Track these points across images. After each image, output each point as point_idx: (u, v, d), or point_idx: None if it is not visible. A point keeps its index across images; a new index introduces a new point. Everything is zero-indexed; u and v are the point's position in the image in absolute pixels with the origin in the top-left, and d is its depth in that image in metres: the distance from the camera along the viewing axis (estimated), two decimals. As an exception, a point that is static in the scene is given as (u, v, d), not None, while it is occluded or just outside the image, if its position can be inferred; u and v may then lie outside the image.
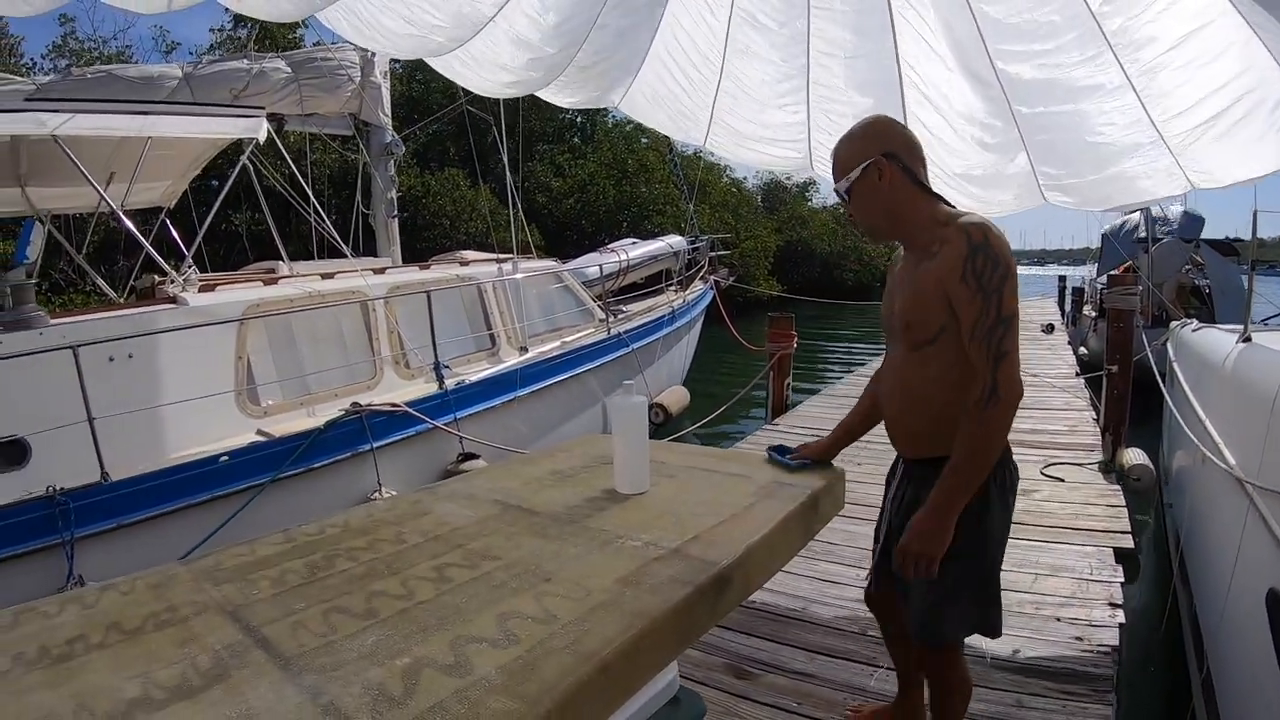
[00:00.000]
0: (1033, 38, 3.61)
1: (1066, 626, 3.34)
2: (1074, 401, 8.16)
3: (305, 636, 1.35)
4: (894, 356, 2.04)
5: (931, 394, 1.92)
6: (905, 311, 1.92)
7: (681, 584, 1.48)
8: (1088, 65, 3.54)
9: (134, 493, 4.44)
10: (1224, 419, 3.78)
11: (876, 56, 3.98)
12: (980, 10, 3.60)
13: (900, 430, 2.06)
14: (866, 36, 3.96)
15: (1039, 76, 3.70)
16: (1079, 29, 3.47)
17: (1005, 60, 3.70)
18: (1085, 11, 3.38)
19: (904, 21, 3.80)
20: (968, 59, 3.80)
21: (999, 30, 3.65)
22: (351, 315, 6.13)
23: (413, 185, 19.81)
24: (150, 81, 6.81)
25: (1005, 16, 3.59)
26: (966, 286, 1.77)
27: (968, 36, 3.70)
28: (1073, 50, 3.53)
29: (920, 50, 3.87)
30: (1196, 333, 5.36)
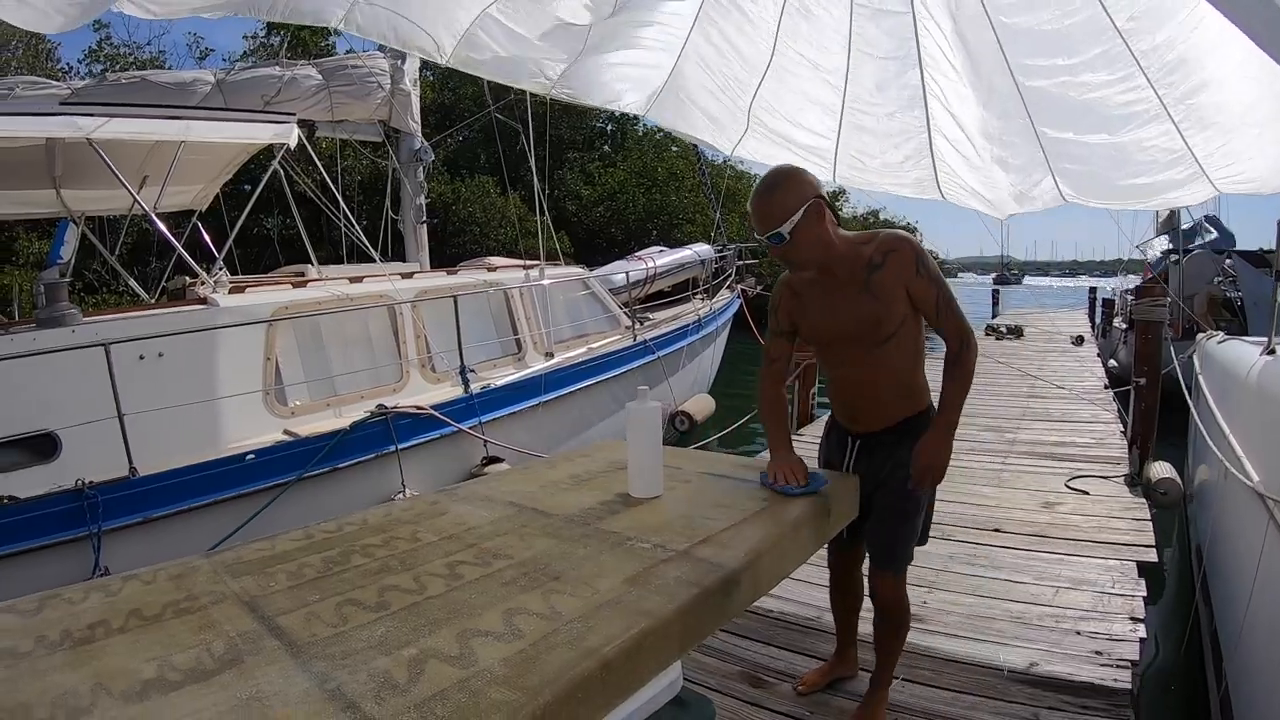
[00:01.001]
0: (1056, 52, 3.60)
1: (1086, 640, 3.30)
2: (1101, 414, 8.06)
3: (318, 626, 1.39)
4: (850, 359, 2.40)
5: (899, 377, 2.40)
6: (867, 318, 2.29)
7: (688, 585, 1.49)
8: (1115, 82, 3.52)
9: (161, 488, 4.53)
10: (1247, 433, 3.73)
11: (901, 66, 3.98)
12: (1000, 23, 3.59)
13: (873, 415, 2.47)
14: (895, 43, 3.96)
15: (1065, 94, 3.69)
16: (1104, 45, 3.45)
17: (1028, 75, 3.69)
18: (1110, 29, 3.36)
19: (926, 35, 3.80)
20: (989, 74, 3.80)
21: (1022, 44, 3.64)
22: (379, 318, 6.21)
23: (443, 192, 19.98)
24: (183, 87, 6.96)
25: (1035, 25, 3.58)
26: (922, 279, 2.26)
27: (989, 52, 3.70)
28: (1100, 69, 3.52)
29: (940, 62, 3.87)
30: (1222, 345, 5.30)
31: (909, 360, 2.39)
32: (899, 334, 2.31)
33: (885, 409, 2.45)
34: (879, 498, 2.47)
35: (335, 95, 7.58)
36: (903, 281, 2.25)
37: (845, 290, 2.30)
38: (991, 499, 5.25)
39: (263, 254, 15.13)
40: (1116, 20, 3.31)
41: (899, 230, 2.35)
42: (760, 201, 2.24)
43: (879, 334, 2.30)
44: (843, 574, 2.85)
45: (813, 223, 2.21)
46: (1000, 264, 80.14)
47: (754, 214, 2.25)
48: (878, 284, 2.25)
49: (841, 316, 2.33)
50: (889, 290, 2.25)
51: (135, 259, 13.85)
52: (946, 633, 3.41)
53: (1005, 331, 16.08)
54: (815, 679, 3.03)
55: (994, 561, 4.18)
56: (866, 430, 2.50)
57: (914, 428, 2.41)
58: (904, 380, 2.41)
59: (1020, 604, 3.66)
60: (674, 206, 24.20)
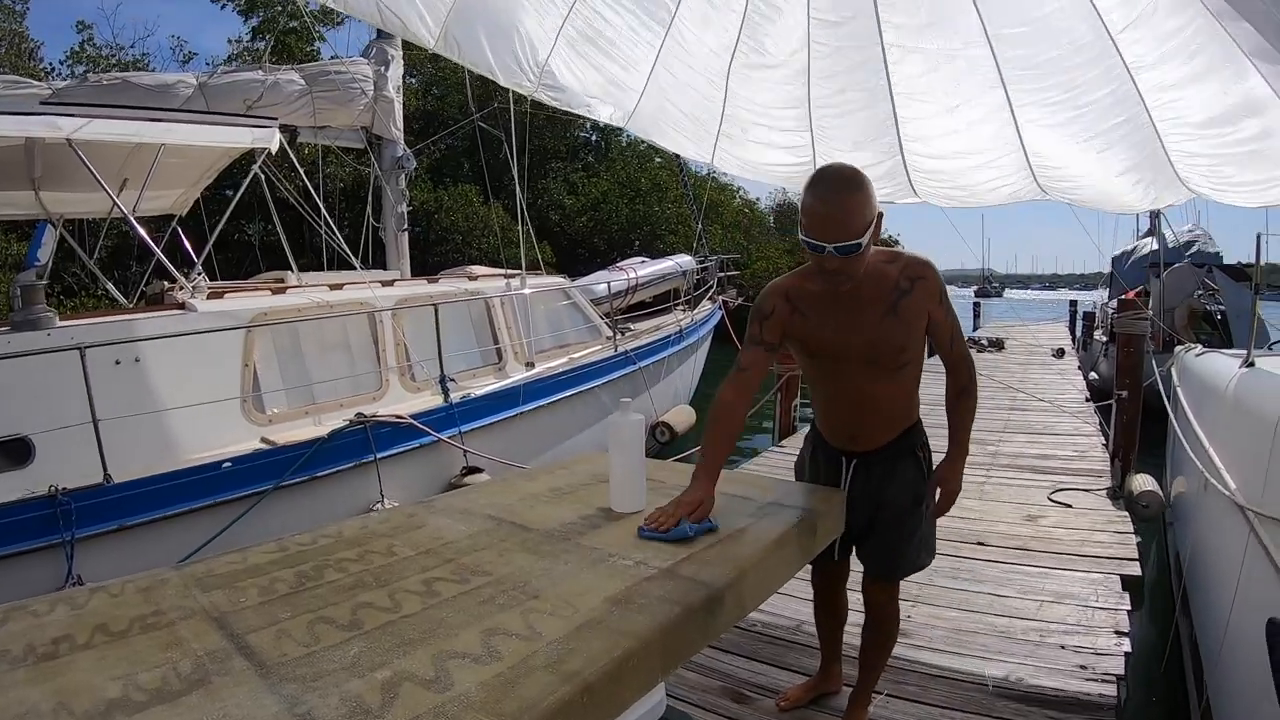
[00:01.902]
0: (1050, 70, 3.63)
1: (1071, 655, 3.28)
2: (1083, 427, 8.08)
3: (288, 645, 1.35)
4: (861, 379, 2.29)
5: (899, 401, 2.39)
6: (891, 342, 2.22)
7: (671, 604, 1.46)
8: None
9: (135, 495, 4.45)
10: (1226, 445, 3.74)
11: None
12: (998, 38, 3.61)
13: (874, 434, 2.41)
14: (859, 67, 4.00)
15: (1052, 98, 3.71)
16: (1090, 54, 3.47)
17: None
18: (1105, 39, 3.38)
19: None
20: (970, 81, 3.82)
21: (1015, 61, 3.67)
22: (358, 326, 6.14)
23: (426, 200, 19.91)
24: (165, 89, 6.89)
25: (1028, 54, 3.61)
26: (942, 308, 2.25)
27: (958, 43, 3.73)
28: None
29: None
30: (1200, 358, 5.33)
31: (911, 387, 2.40)
32: (912, 363, 2.30)
33: (887, 428, 2.41)
34: (883, 515, 2.43)
35: (318, 101, 7.53)
36: (926, 309, 2.22)
37: (869, 310, 2.19)
38: (974, 512, 5.24)
39: (244, 260, 15.02)
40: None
41: (920, 255, 2.28)
42: (839, 203, 2.00)
43: (900, 359, 2.26)
44: (829, 592, 2.79)
45: (875, 235, 2.07)
46: (981, 277, 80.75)
47: (826, 218, 2.00)
48: (905, 309, 2.19)
49: (864, 335, 2.21)
50: (915, 317, 2.21)
51: (115, 262, 13.72)
52: (931, 647, 3.38)
53: (987, 344, 16.14)
54: (798, 695, 2.99)
55: (978, 575, 4.17)
56: (864, 449, 2.43)
57: (909, 443, 2.44)
58: (903, 406, 2.42)
59: (1004, 618, 3.65)
60: (657, 217, 24.19)
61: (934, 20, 3.77)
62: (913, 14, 3.77)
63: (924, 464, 2.46)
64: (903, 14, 3.77)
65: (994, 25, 3.63)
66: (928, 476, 2.45)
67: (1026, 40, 3.63)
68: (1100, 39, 3.40)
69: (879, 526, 2.44)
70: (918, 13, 3.76)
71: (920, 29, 3.80)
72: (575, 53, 3.80)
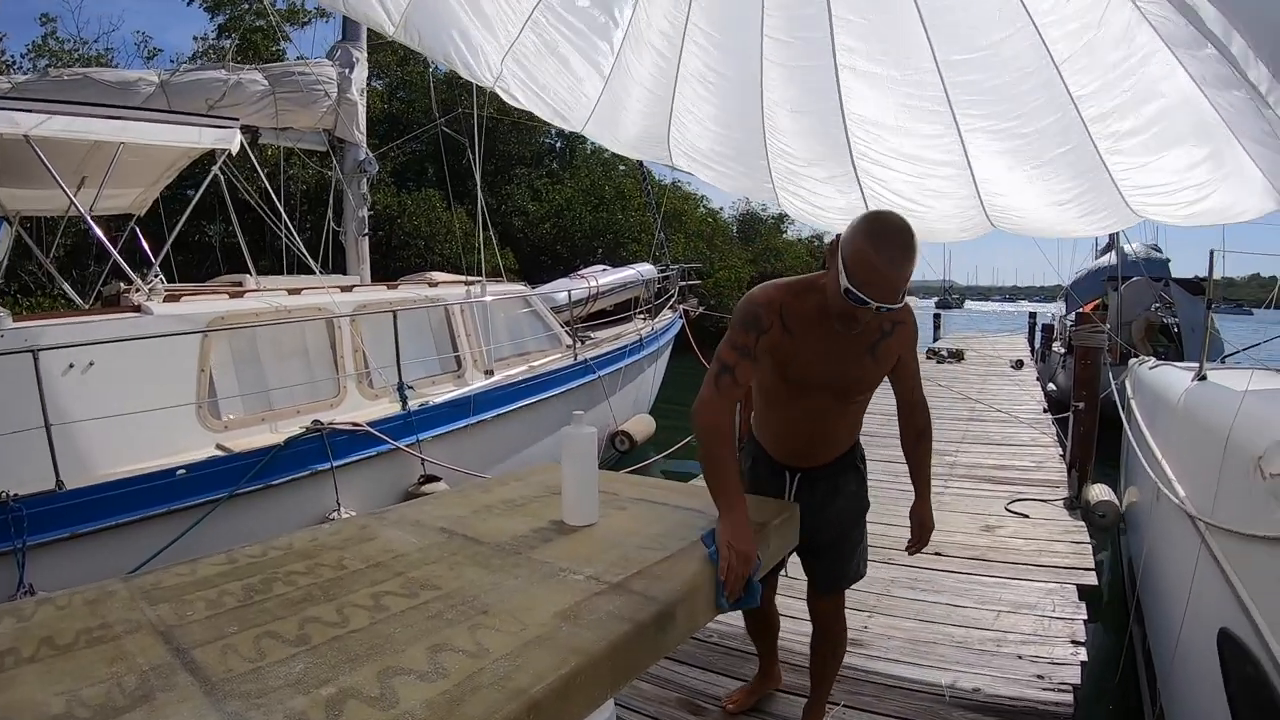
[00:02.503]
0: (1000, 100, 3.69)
1: (1028, 664, 3.32)
2: (1040, 438, 8.20)
3: (234, 661, 1.33)
4: (817, 407, 2.36)
5: (852, 428, 2.53)
6: (863, 378, 2.31)
7: (621, 620, 1.44)
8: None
9: (88, 502, 4.35)
10: (1178, 456, 3.81)
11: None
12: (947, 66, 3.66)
13: (820, 454, 2.50)
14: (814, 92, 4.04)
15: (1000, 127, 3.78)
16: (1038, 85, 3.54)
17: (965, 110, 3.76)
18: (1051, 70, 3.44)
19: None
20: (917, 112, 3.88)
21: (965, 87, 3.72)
22: (316, 332, 6.06)
23: (389, 204, 19.75)
24: (127, 87, 6.77)
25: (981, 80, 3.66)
26: (911, 353, 2.41)
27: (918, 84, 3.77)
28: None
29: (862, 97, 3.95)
30: (1154, 370, 5.43)
31: (860, 418, 2.55)
32: (869, 396, 2.43)
33: (829, 452, 2.50)
34: (825, 530, 2.51)
35: (281, 102, 7.45)
36: (899, 352, 2.34)
37: (852, 347, 2.21)
38: (933, 522, 5.29)
39: (203, 261, 14.78)
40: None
41: (906, 303, 2.20)
42: (904, 271, 1.97)
43: (861, 393, 2.38)
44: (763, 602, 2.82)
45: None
46: (942, 288, 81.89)
47: (888, 280, 1.95)
48: (883, 351, 2.28)
49: (842, 368, 2.25)
50: (889, 359, 2.32)
51: (73, 261, 13.44)
52: (888, 657, 3.41)
53: (946, 355, 16.33)
54: (742, 697, 3.08)
55: (935, 585, 4.20)
56: (809, 466, 2.51)
57: (850, 460, 2.56)
58: (853, 431, 2.55)
59: (962, 628, 3.68)
60: (620, 225, 24.15)
61: (885, 45, 3.81)
62: (864, 38, 3.81)
63: (863, 476, 2.61)
64: (855, 38, 3.81)
65: (943, 51, 3.68)
66: (866, 489, 2.62)
67: (974, 67, 3.69)
68: (1046, 67, 3.46)
69: (824, 541, 2.54)
70: (869, 37, 3.80)
71: (871, 54, 3.85)
72: (537, 55, 3.79)
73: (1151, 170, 3.53)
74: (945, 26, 3.60)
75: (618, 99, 4.16)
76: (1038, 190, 3.90)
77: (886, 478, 6.46)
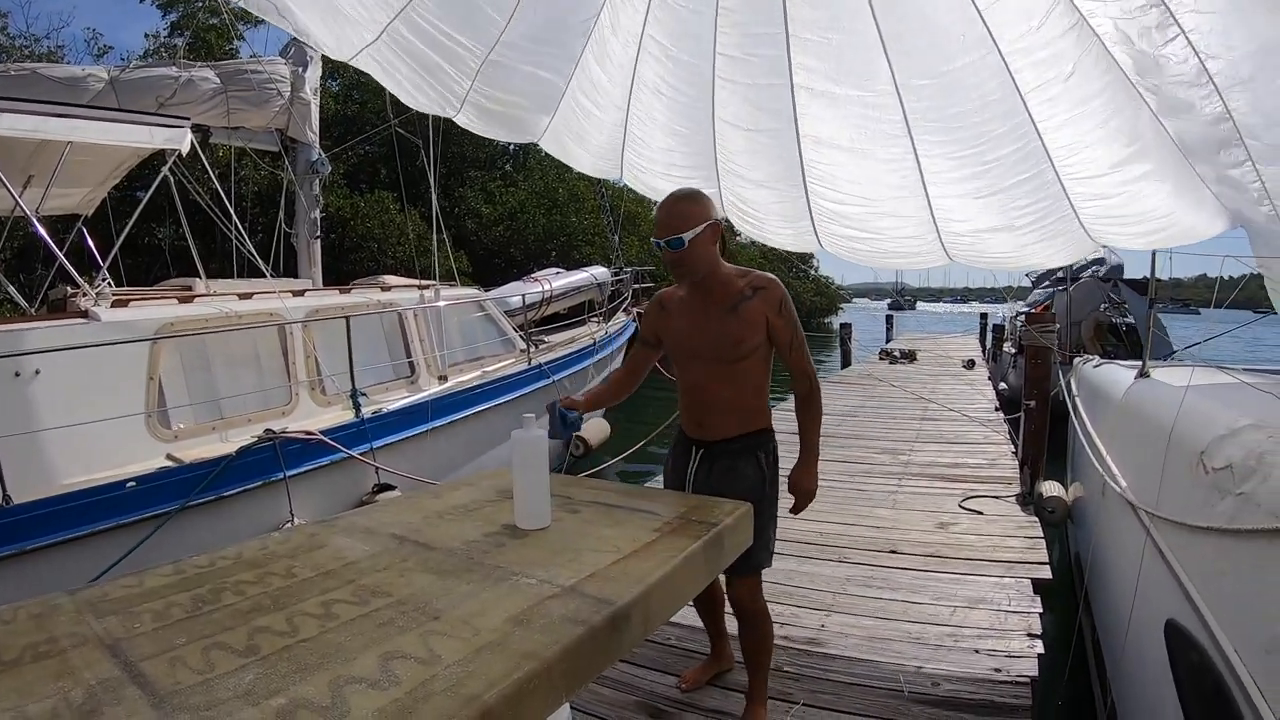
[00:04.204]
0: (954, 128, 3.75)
1: (985, 658, 3.36)
2: (993, 436, 8.34)
3: (182, 673, 1.30)
4: (701, 372, 2.66)
5: (744, 398, 2.66)
6: (729, 336, 2.57)
7: (574, 623, 1.43)
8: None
9: (36, 517, 4.23)
10: (1122, 450, 3.89)
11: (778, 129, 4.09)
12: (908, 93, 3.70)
13: (715, 424, 2.69)
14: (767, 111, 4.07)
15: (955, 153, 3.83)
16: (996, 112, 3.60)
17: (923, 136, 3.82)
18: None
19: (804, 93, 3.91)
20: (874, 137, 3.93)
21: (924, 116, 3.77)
22: (268, 338, 5.96)
23: (341, 206, 19.52)
24: (75, 83, 6.62)
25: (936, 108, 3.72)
26: (782, 318, 2.59)
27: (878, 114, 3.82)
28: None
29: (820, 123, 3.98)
30: (1098, 369, 5.54)
31: (755, 382, 2.66)
32: (751, 358, 2.59)
33: (728, 421, 2.68)
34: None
35: (232, 100, 7.33)
36: (765, 314, 2.56)
37: (715, 311, 2.60)
38: (887, 520, 5.36)
39: (153, 265, 14.50)
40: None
41: (768, 274, 2.65)
42: (669, 207, 2.53)
43: (736, 352, 2.58)
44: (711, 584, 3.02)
45: (708, 239, 2.52)
46: (894, 290, 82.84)
47: (660, 218, 2.54)
48: (745, 310, 2.56)
49: (707, 333, 2.61)
50: (753, 318, 2.56)
51: (22, 264, 13.09)
52: (846, 655, 3.43)
53: (899, 355, 16.54)
54: (696, 676, 3.25)
55: (891, 582, 4.25)
56: (710, 438, 2.72)
57: (753, 444, 2.70)
58: (748, 398, 2.67)
59: (919, 624, 3.73)
60: (574, 228, 24.14)
61: (844, 66, 3.84)
62: (823, 57, 3.84)
63: (765, 466, 2.70)
64: (813, 57, 3.84)
65: (903, 75, 3.71)
66: (767, 480, 2.69)
67: (934, 93, 3.73)
68: (1009, 96, 3.51)
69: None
70: (827, 57, 3.83)
71: (830, 74, 3.87)
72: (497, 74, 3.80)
73: (1113, 199, 3.59)
74: (906, 50, 3.65)
75: (574, 113, 4.17)
76: (995, 218, 3.94)
77: (842, 478, 6.54)
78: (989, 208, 3.93)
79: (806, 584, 4.24)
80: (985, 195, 3.88)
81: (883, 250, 4.37)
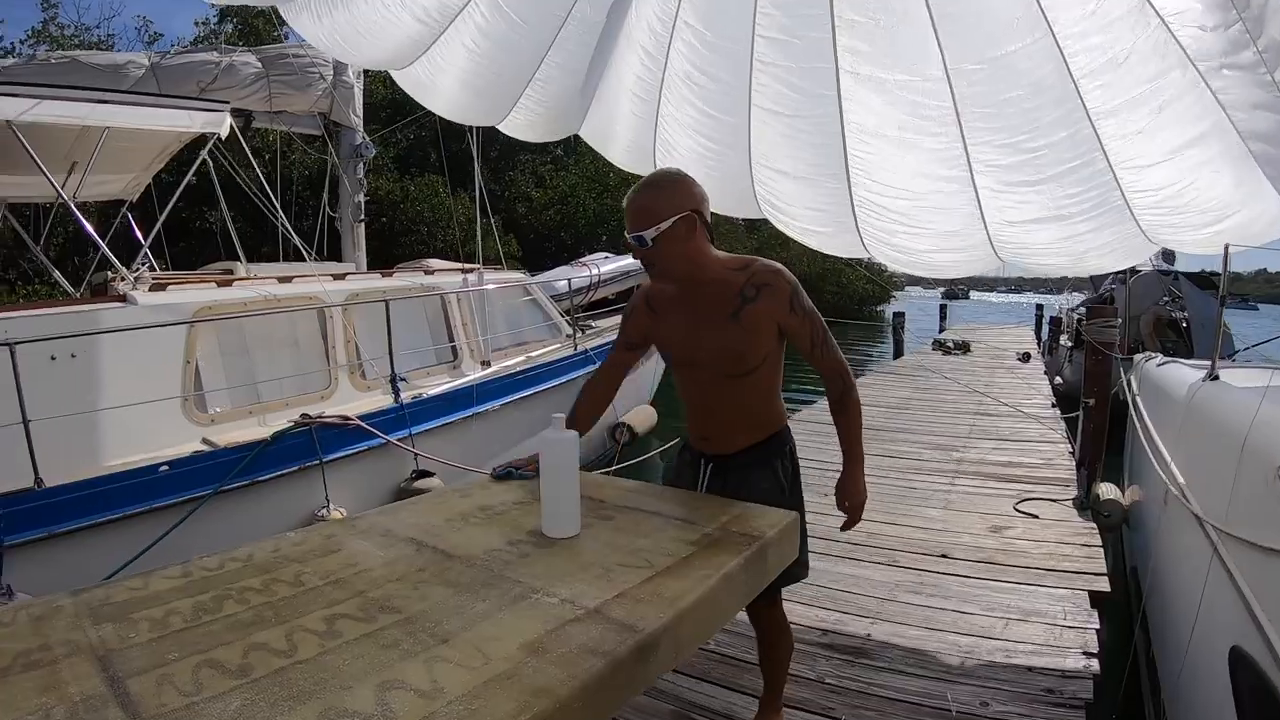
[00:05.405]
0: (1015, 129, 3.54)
1: (1038, 678, 3.15)
2: (1049, 434, 8.02)
3: (168, 694, 1.22)
4: (703, 384, 2.35)
5: (754, 409, 2.36)
6: (731, 349, 2.23)
7: (595, 654, 1.28)
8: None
9: (68, 500, 4.21)
10: (1188, 458, 3.66)
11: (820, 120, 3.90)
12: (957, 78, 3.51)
13: (725, 438, 2.39)
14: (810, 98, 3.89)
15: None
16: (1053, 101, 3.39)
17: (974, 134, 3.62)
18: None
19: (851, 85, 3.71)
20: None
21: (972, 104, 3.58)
22: (307, 321, 5.92)
23: (391, 190, 19.58)
24: (116, 70, 6.65)
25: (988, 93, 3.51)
26: (796, 315, 2.22)
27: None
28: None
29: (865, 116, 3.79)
30: (1161, 367, 5.26)
31: (765, 393, 2.36)
32: (760, 369, 2.28)
33: (738, 435, 2.39)
34: None
35: (274, 85, 7.31)
36: (775, 318, 2.22)
37: (712, 315, 2.24)
38: (938, 521, 5.14)
39: (205, 248, 14.67)
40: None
41: (774, 262, 2.29)
42: (633, 198, 2.19)
43: (740, 367, 2.26)
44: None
45: (681, 235, 2.15)
46: (949, 278, 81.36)
47: (627, 212, 2.20)
48: (748, 315, 2.21)
49: (705, 342, 2.27)
50: (759, 324, 2.21)
51: (75, 249, 13.32)
52: (891, 668, 3.25)
53: (952, 346, 16.11)
54: None
55: (942, 590, 4.05)
56: (719, 452, 2.43)
57: (767, 452, 2.39)
58: (758, 411, 2.38)
59: (969, 637, 3.52)
60: (624, 212, 24.05)
61: (893, 49, 3.65)
62: (871, 40, 3.64)
63: (784, 475, 2.40)
64: (861, 39, 3.64)
65: (954, 59, 3.51)
66: (788, 489, 2.40)
67: (985, 78, 3.52)
68: (1063, 82, 3.30)
69: None
70: (876, 39, 3.63)
71: (877, 58, 3.68)
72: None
73: (1168, 189, 3.37)
74: (958, 33, 3.44)
75: (609, 105, 4.07)
76: (1044, 209, 3.73)
77: (891, 474, 6.31)
78: (1038, 199, 3.72)
79: (854, 588, 4.06)
80: (1035, 184, 3.68)
81: (927, 250, 4.17)
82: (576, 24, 3.79)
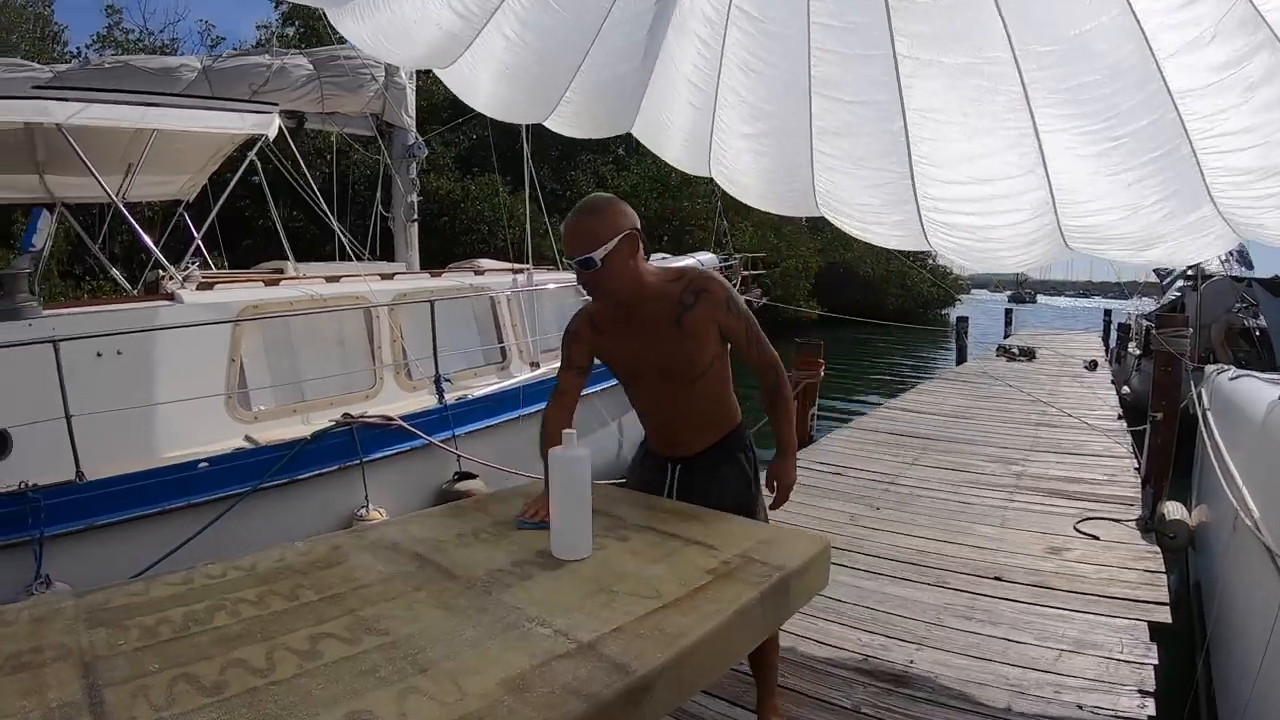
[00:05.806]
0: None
1: (1089, 716, 2.95)
2: (1114, 448, 7.65)
3: (140, 707, 1.21)
4: (657, 393, 2.47)
5: (711, 409, 2.50)
6: (679, 356, 2.35)
7: (578, 697, 1.18)
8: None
9: (108, 494, 4.28)
10: (1263, 482, 3.40)
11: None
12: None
13: (687, 442, 2.51)
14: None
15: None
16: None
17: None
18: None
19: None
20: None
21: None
22: (354, 321, 5.93)
23: (452, 189, 19.74)
24: (168, 73, 6.75)
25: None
26: (732, 315, 2.36)
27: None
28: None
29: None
30: (1235, 381, 4.94)
31: (719, 393, 2.49)
32: (710, 372, 2.40)
33: (702, 436, 2.51)
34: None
35: (326, 86, 7.37)
36: (714, 319, 2.34)
37: (657, 327, 2.34)
38: (993, 540, 4.91)
39: (267, 246, 14.97)
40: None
41: (701, 270, 2.50)
42: (574, 224, 2.26)
43: (691, 372, 2.37)
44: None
45: (625, 254, 2.24)
46: (1015, 281, 79.38)
47: (566, 236, 2.26)
48: (690, 322, 2.31)
49: (653, 352, 2.37)
50: (701, 328, 2.33)
51: (136, 248, 13.70)
52: (933, 700, 3.05)
53: (1017, 353, 15.61)
54: None
55: (993, 615, 3.83)
56: (684, 455, 2.53)
57: (730, 446, 2.52)
58: (715, 411, 2.51)
59: (1018, 668, 3.30)
60: (685, 212, 23.89)
61: (953, 30, 3.46)
62: (929, 22, 3.45)
63: (748, 466, 2.53)
64: (919, 22, 3.46)
65: (1021, 41, 3.31)
66: (753, 480, 2.53)
67: (1058, 60, 3.31)
68: (1144, 63, 3.08)
69: None
70: (934, 20, 3.45)
71: (938, 39, 3.49)
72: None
73: (1257, 185, 3.12)
74: (1025, 12, 3.24)
75: (664, 98, 3.97)
76: (1123, 198, 3.48)
77: (947, 487, 6.09)
78: (1116, 187, 3.47)
79: (900, 610, 3.87)
80: (1112, 174, 3.43)
81: (994, 241, 3.96)
82: (620, 13, 3.69)
